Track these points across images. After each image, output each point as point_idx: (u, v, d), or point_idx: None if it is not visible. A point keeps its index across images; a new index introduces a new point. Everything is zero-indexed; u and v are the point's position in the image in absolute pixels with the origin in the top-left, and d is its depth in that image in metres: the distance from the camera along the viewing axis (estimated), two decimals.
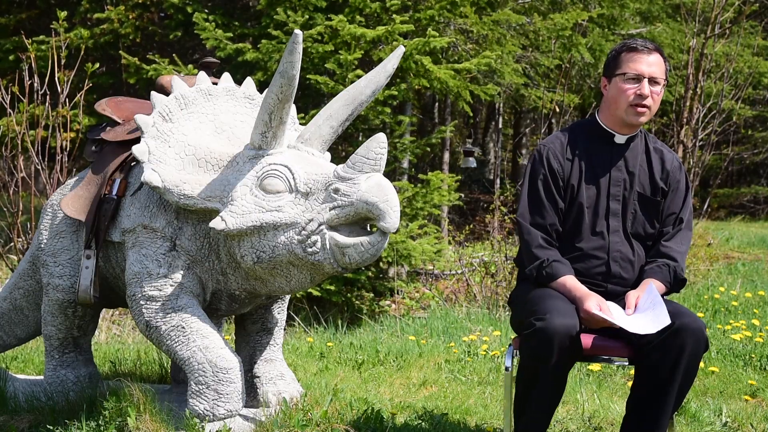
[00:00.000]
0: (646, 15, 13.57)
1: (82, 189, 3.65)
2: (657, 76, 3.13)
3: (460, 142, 18.54)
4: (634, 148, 3.25)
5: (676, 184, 3.26)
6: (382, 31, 8.05)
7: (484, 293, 8.10)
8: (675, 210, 3.25)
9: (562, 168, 3.23)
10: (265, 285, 3.29)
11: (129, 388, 3.50)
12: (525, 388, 3.02)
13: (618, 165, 3.23)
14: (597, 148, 3.25)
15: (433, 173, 8.58)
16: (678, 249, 3.19)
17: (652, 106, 3.15)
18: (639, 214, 3.22)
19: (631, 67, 3.12)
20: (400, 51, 3.31)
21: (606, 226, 3.20)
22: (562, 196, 3.21)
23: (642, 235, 3.23)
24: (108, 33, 10.33)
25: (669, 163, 3.27)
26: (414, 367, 4.89)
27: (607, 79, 3.22)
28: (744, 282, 8.27)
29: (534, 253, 3.17)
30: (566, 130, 3.36)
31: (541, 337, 2.88)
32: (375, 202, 2.98)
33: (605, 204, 3.21)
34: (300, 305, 8.27)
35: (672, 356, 2.88)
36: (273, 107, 3.08)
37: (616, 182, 3.22)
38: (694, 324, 2.88)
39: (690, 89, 10.03)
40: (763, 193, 17.72)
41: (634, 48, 3.15)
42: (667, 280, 3.13)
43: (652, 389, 2.95)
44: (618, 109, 3.17)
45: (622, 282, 3.19)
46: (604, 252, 3.19)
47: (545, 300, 3.02)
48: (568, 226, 3.22)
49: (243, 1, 10.80)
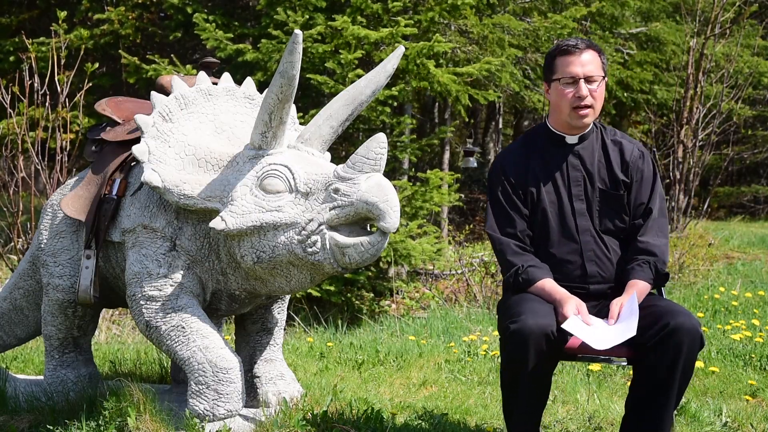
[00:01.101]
0: (647, 14, 13.57)
1: (82, 189, 3.65)
2: (593, 74, 3.12)
3: (460, 142, 18.54)
4: (588, 145, 3.25)
5: (639, 174, 3.23)
6: (385, 33, 8.06)
7: (484, 293, 8.10)
8: (643, 200, 3.22)
9: (519, 177, 3.24)
10: (265, 285, 3.29)
11: (129, 388, 3.50)
12: (509, 391, 3.03)
13: (574, 165, 3.23)
14: (551, 151, 3.25)
15: (432, 171, 8.58)
16: (655, 242, 3.17)
17: (594, 104, 3.15)
18: (605, 210, 3.21)
19: (565, 71, 3.13)
20: (400, 51, 3.32)
21: (575, 227, 3.20)
22: (524, 203, 3.22)
23: (612, 230, 3.21)
24: (108, 34, 10.34)
25: (628, 154, 3.24)
26: (414, 367, 4.89)
27: (547, 85, 3.24)
28: (744, 282, 8.27)
29: (509, 261, 3.18)
30: (521, 138, 3.38)
31: (517, 339, 2.89)
32: (375, 202, 2.98)
33: (569, 205, 3.21)
34: (300, 305, 8.27)
35: (669, 356, 2.88)
36: (273, 107, 3.08)
37: (575, 182, 3.22)
38: (689, 323, 2.88)
39: (690, 89, 10.03)
40: (763, 192, 17.72)
41: (565, 50, 3.14)
42: (649, 278, 3.12)
43: (650, 389, 2.95)
44: (562, 113, 3.19)
45: (602, 280, 3.19)
46: (578, 254, 3.19)
47: (521, 303, 3.04)
48: (536, 233, 3.22)
49: (243, 1, 10.80)
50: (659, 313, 2.95)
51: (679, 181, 10.01)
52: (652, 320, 2.94)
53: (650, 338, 2.90)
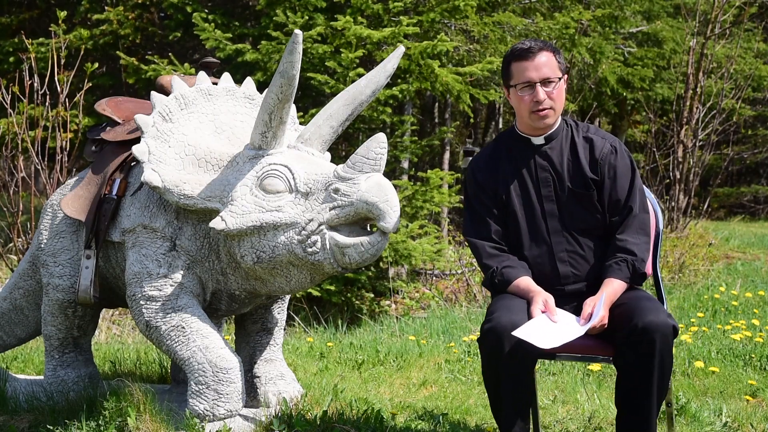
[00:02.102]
0: (647, 14, 13.57)
1: (82, 189, 3.65)
2: (549, 76, 3.10)
3: (461, 142, 18.53)
4: (556, 145, 3.23)
5: (612, 170, 3.18)
6: (387, 33, 8.06)
7: (484, 293, 8.09)
8: (620, 197, 3.17)
9: (489, 180, 3.24)
10: (265, 285, 3.29)
11: (129, 388, 3.50)
12: (492, 390, 3.03)
13: (542, 166, 3.21)
14: (519, 154, 3.25)
15: (432, 171, 8.58)
16: (634, 241, 3.12)
17: (554, 105, 3.14)
18: (576, 209, 3.18)
19: (521, 77, 3.11)
20: (400, 51, 3.32)
21: (545, 228, 3.19)
22: (496, 206, 3.22)
23: (585, 229, 3.19)
24: (108, 34, 10.33)
25: (598, 150, 3.19)
26: (414, 367, 4.89)
27: (506, 90, 3.23)
28: (744, 282, 8.27)
29: (485, 264, 3.19)
30: (492, 143, 3.38)
31: (491, 337, 2.90)
32: (375, 202, 2.99)
33: (539, 207, 3.20)
34: (300, 305, 8.27)
35: (645, 352, 2.87)
36: (273, 107, 3.09)
37: (544, 183, 3.20)
38: (657, 318, 2.87)
39: (690, 89, 10.04)
40: (763, 192, 17.73)
41: (519, 55, 3.12)
42: (625, 277, 3.10)
43: (635, 385, 2.95)
44: (522, 117, 3.19)
45: (577, 280, 3.18)
46: (548, 256, 3.18)
47: (496, 302, 3.06)
48: (509, 236, 3.23)
49: (243, 1, 10.80)
50: (628, 312, 2.95)
51: (679, 181, 10.01)
52: (622, 320, 2.94)
53: (623, 338, 2.91)
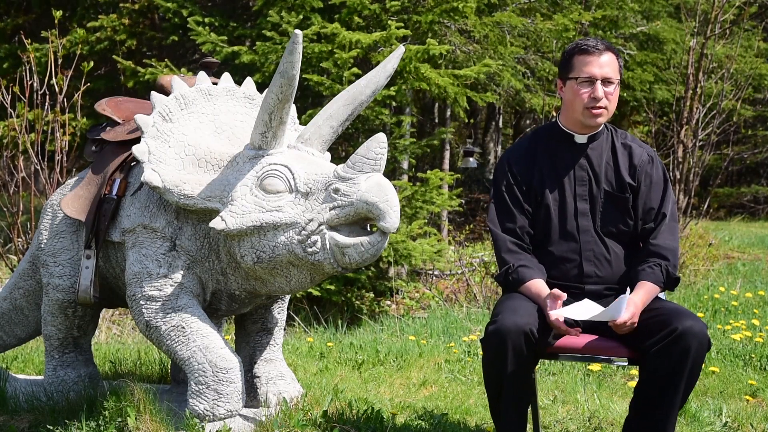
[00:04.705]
0: (647, 14, 13.57)
1: (82, 189, 3.65)
2: (610, 77, 3.11)
3: (460, 142, 18.54)
4: (597, 146, 3.24)
5: (648, 179, 3.21)
6: (377, 37, 8.04)
7: (484, 293, 8.09)
8: (654, 205, 3.20)
9: (525, 173, 3.23)
10: (265, 285, 3.29)
11: (129, 388, 3.50)
12: (492, 392, 3.03)
13: (581, 164, 3.22)
14: (559, 150, 3.25)
15: (432, 171, 8.57)
16: (668, 246, 3.15)
17: (608, 106, 3.15)
18: (609, 212, 3.20)
19: (583, 71, 3.12)
20: (400, 51, 3.31)
21: (576, 226, 3.19)
22: (528, 200, 3.22)
23: (615, 233, 3.20)
24: (104, 40, 10.31)
25: (637, 158, 3.23)
26: (414, 367, 4.89)
27: (562, 82, 3.22)
28: (744, 282, 8.27)
29: (503, 258, 3.18)
30: (529, 135, 3.37)
31: (494, 339, 2.90)
32: (375, 202, 2.98)
33: (572, 204, 3.20)
34: (300, 305, 8.27)
35: (676, 359, 2.87)
36: (273, 107, 3.09)
37: (580, 182, 3.21)
38: (696, 327, 2.88)
39: (690, 89, 10.03)
40: (763, 193, 17.73)
41: (585, 50, 3.13)
42: (660, 281, 3.11)
43: (658, 392, 2.94)
44: (575, 112, 3.18)
45: (599, 281, 3.18)
46: (576, 253, 3.18)
47: (503, 303, 3.05)
48: (537, 231, 3.22)
49: (243, 1, 10.80)
50: (665, 316, 2.94)
51: (679, 181, 10.01)
52: (658, 324, 2.92)
53: (658, 342, 2.89)
